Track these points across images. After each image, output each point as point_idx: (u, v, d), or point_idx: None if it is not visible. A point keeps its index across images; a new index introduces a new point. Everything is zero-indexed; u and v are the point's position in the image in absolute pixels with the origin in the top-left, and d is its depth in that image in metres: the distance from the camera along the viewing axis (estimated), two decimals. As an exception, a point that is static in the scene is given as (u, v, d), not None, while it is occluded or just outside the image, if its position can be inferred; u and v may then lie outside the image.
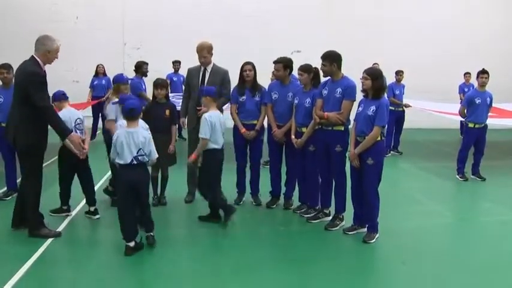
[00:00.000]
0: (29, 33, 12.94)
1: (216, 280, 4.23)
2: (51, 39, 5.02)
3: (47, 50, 4.95)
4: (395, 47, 13.58)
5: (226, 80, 6.22)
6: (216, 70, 6.20)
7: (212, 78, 6.15)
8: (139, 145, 4.61)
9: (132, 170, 4.62)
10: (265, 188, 6.35)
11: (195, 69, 6.30)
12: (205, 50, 6.09)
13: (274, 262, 4.60)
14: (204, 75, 6.17)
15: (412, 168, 9.01)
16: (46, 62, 5.02)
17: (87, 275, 4.24)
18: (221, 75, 6.19)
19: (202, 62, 6.15)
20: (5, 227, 5.29)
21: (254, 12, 13.49)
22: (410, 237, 5.30)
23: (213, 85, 6.10)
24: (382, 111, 4.93)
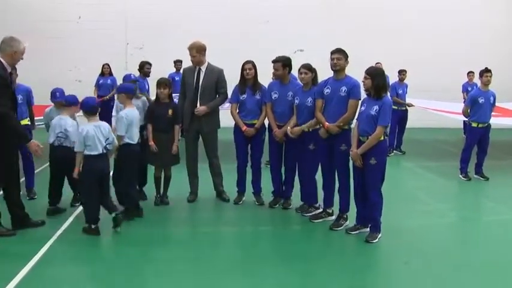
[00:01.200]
0: (32, 32, 13.09)
1: (217, 279, 4.23)
2: (18, 40, 5.02)
3: (14, 51, 4.95)
4: (398, 46, 13.54)
5: (221, 79, 6.23)
6: (210, 69, 6.20)
7: (207, 77, 6.16)
8: (106, 135, 5.10)
9: (101, 160, 5.06)
10: (268, 187, 6.33)
11: (190, 69, 6.31)
12: (194, 50, 6.09)
13: (276, 261, 4.60)
14: (199, 74, 6.17)
15: (415, 168, 8.99)
16: (11, 63, 5.02)
17: (89, 274, 4.27)
18: (216, 75, 6.19)
19: (192, 61, 6.17)
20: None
21: (256, 12, 13.48)
22: (413, 237, 5.29)
23: (209, 84, 6.13)
24: (385, 111, 4.91)
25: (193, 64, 6.20)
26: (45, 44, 12.97)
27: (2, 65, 4.88)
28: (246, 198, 6.39)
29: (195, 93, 6.16)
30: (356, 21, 13.60)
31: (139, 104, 6.17)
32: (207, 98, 6.18)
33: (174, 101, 6.32)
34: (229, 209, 6.20)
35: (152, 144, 5.96)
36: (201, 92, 6.15)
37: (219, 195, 6.49)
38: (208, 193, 6.51)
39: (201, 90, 6.15)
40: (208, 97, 6.19)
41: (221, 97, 6.27)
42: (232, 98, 6.22)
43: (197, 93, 6.15)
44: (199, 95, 6.15)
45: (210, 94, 6.20)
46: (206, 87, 6.16)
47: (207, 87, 6.16)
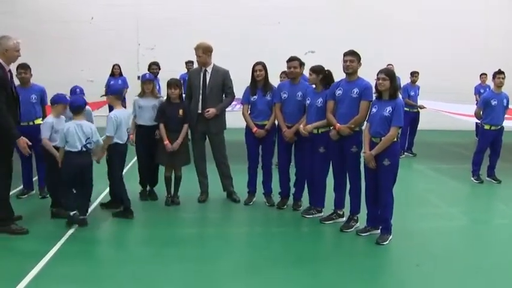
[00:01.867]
0: (45, 32, 13.25)
1: (227, 279, 4.24)
2: (7, 37, 5.00)
3: (4, 49, 4.96)
4: (409, 47, 13.50)
5: (228, 80, 6.25)
6: (216, 70, 6.22)
7: (213, 78, 6.18)
8: (88, 135, 5.32)
9: (80, 156, 5.31)
10: (277, 188, 6.34)
11: (195, 70, 6.34)
12: (200, 50, 6.11)
13: (286, 262, 4.59)
14: (205, 76, 6.19)
15: (426, 170, 8.94)
16: (7, 61, 5.04)
17: (99, 273, 4.29)
18: (222, 76, 6.21)
19: (198, 62, 6.19)
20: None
21: (267, 13, 13.49)
22: (424, 240, 5.26)
23: (215, 86, 6.15)
24: (399, 112, 4.90)
25: (199, 64, 6.21)
26: (58, 44, 13.13)
27: (0, 65, 4.93)
28: (256, 199, 6.39)
29: (202, 95, 6.17)
30: (367, 23, 13.57)
31: (155, 103, 6.22)
32: (214, 99, 6.19)
33: (184, 101, 6.35)
34: (239, 210, 6.21)
35: (167, 143, 5.99)
36: (208, 93, 6.17)
37: (229, 196, 6.50)
38: (218, 193, 6.53)
39: (208, 92, 6.17)
40: (215, 98, 6.20)
41: (228, 98, 6.29)
42: (244, 99, 6.23)
43: (204, 94, 6.16)
44: (207, 96, 6.16)
45: (216, 95, 6.22)
46: (213, 88, 6.18)
47: (214, 88, 6.18)
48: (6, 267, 4.32)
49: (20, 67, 6.16)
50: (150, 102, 6.21)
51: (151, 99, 6.24)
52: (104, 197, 6.40)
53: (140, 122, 6.26)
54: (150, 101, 6.22)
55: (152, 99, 6.25)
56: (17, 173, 6.45)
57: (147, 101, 6.23)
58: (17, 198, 6.33)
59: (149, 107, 6.20)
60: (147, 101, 6.23)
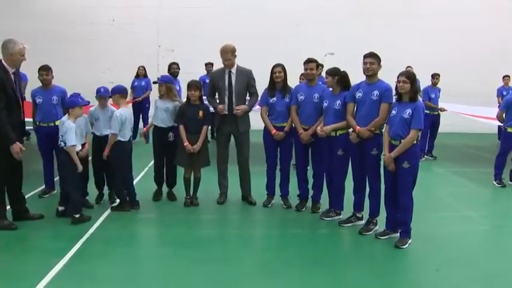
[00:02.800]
0: (67, 35, 13.43)
1: (245, 280, 4.25)
2: (13, 42, 5.10)
3: (10, 53, 5.07)
4: (429, 49, 13.35)
5: (252, 80, 6.28)
6: (240, 71, 6.24)
7: (238, 79, 6.20)
8: (61, 133, 5.49)
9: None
10: (295, 190, 6.33)
11: (219, 72, 6.36)
12: (229, 53, 6.14)
13: (303, 264, 4.58)
14: (230, 77, 6.21)
15: (446, 173, 8.83)
16: (12, 65, 5.14)
17: (119, 272, 4.33)
18: (247, 76, 6.24)
19: (226, 65, 6.19)
20: (43, 223, 5.49)
21: (287, 15, 13.49)
22: (444, 244, 5.19)
23: (241, 86, 6.18)
24: (419, 114, 4.86)
25: (227, 67, 6.22)
26: (80, 46, 13.32)
27: (3, 67, 5.05)
28: (274, 201, 6.39)
29: (229, 96, 6.19)
30: (386, 24, 13.47)
31: (169, 106, 6.29)
32: (241, 99, 6.24)
33: (204, 103, 6.38)
34: (257, 212, 6.21)
35: (187, 145, 6.03)
36: (235, 95, 6.19)
37: (245, 198, 6.51)
38: (237, 195, 6.55)
39: (236, 93, 6.19)
40: (242, 98, 6.25)
41: (254, 97, 6.33)
42: (262, 101, 6.24)
43: (231, 95, 6.18)
44: (234, 98, 6.18)
45: (243, 95, 6.27)
46: (239, 89, 6.20)
47: (240, 89, 6.21)
48: (29, 265, 4.41)
49: (42, 69, 6.26)
50: (165, 105, 6.29)
51: (167, 102, 6.32)
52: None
53: (155, 123, 6.39)
54: (165, 103, 6.31)
55: (168, 101, 6.32)
56: (39, 172, 6.58)
57: (162, 103, 6.33)
58: (39, 197, 6.46)
59: (162, 109, 6.29)
60: (162, 103, 6.33)
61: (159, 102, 6.37)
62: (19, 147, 5.08)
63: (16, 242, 4.96)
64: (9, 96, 5.07)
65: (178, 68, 10.19)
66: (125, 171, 6.03)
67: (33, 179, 6.74)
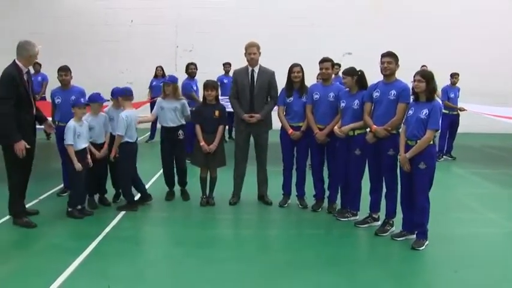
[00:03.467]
0: (86, 36, 13.61)
1: (261, 281, 4.24)
2: (32, 44, 5.25)
3: (29, 55, 5.22)
4: (449, 48, 13.18)
5: (273, 82, 6.25)
6: (263, 71, 6.23)
7: (260, 78, 6.19)
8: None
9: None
10: (311, 190, 6.31)
11: (242, 70, 6.34)
12: (255, 47, 6.15)
13: (319, 265, 4.56)
14: (253, 76, 6.20)
15: (465, 174, 8.70)
16: (27, 65, 5.31)
17: (134, 271, 4.37)
18: (268, 76, 6.22)
19: (251, 60, 6.16)
20: (60, 222, 5.57)
21: (303, 14, 13.46)
22: (463, 246, 5.12)
23: (262, 85, 6.16)
24: (435, 115, 4.81)
25: (252, 64, 6.20)
26: (99, 47, 13.48)
27: (17, 67, 5.17)
28: (290, 201, 6.38)
29: (251, 95, 6.19)
30: (404, 24, 13.36)
31: (177, 106, 6.32)
32: (261, 99, 6.23)
33: (220, 102, 6.40)
34: (273, 212, 6.20)
35: (204, 144, 6.05)
36: (256, 93, 6.19)
37: (261, 198, 6.50)
38: (252, 195, 6.54)
39: (256, 91, 6.19)
40: (262, 98, 6.23)
41: (272, 102, 6.28)
42: (279, 100, 6.23)
43: (252, 94, 6.18)
44: (255, 96, 6.19)
45: (263, 95, 6.24)
46: (260, 88, 6.20)
47: (261, 88, 6.20)
48: (47, 262, 4.48)
49: (61, 69, 6.35)
50: (172, 104, 6.30)
51: (173, 101, 6.33)
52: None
53: (162, 123, 6.38)
54: (172, 103, 6.32)
55: (174, 101, 6.34)
56: (58, 171, 6.67)
57: (168, 103, 6.33)
58: (57, 196, 6.55)
59: (170, 109, 6.30)
60: (168, 103, 6.33)
61: (164, 102, 6.36)
62: (23, 145, 5.16)
63: (35, 240, 5.03)
64: (21, 95, 5.18)
65: (196, 68, 10.22)
66: (132, 171, 6.09)
67: (53, 177, 6.86)
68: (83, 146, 5.70)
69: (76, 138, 5.64)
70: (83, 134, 5.69)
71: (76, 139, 5.64)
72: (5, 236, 5.15)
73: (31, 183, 5.61)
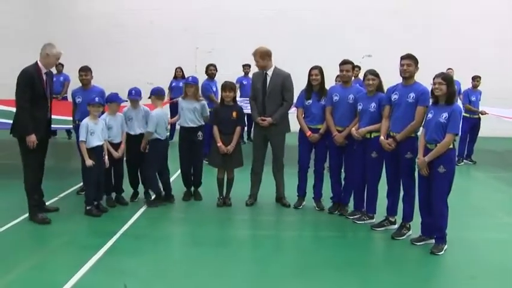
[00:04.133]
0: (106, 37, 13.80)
1: (275, 282, 4.24)
2: (52, 45, 5.44)
3: (46, 54, 5.38)
4: (470, 51, 12.99)
5: (287, 84, 6.22)
6: (276, 73, 6.23)
7: (273, 81, 6.19)
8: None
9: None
10: (328, 193, 6.29)
11: (258, 73, 6.36)
12: (257, 55, 6.17)
13: (335, 267, 4.54)
14: (265, 79, 6.22)
15: (486, 179, 8.57)
16: (47, 66, 5.46)
17: (150, 269, 4.41)
18: (282, 79, 6.20)
19: (257, 66, 6.25)
20: (79, 219, 5.67)
21: (325, 16, 13.42)
22: (482, 251, 5.04)
23: (275, 88, 6.16)
24: (455, 118, 4.75)
25: (259, 69, 6.27)
26: (119, 48, 13.64)
27: (37, 67, 5.37)
28: (305, 203, 6.37)
29: (263, 97, 6.22)
30: (425, 25, 13.21)
31: (196, 106, 6.36)
32: (274, 101, 6.21)
33: (238, 103, 6.41)
34: (289, 213, 6.19)
35: (221, 145, 6.08)
36: (267, 96, 6.20)
37: (279, 200, 6.50)
38: (268, 197, 6.55)
39: (268, 94, 6.20)
40: (275, 101, 6.21)
41: (285, 105, 6.25)
42: (298, 102, 6.23)
43: (264, 97, 6.21)
44: (266, 99, 6.20)
45: (276, 98, 6.22)
46: (272, 90, 6.19)
47: (273, 90, 6.19)
48: (65, 259, 4.57)
49: (81, 70, 6.48)
50: (192, 105, 6.35)
51: (193, 102, 6.37)
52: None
53: (182, 124, 6.44)
54: (191, 103, 6.36)
55: (193, 101, 6.38)
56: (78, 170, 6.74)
57: (188, 103, 6.37)
58: (77, 194, 6.65)
59: (190, 109, 6.34)
60: (188, 103, 6.37)
61: (184, 102, 6.41)
62: (34, 139, 5.30)
63: (54, 236, 5.13)
64: (37, 93, 5.36)
65: (216, 69, 10.28)
66: (160, 167, 6.25)
67: (73, 176, 6.97)
68: (96, 144, 5.77)
69: (89, 136, 5.74)
70: (96, 132, 5.78)
71: (89, 136, 5.74)
72: (25, 233, 5.26)
73: (52, 180, 5.73)
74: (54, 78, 11.17)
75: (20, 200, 5.65)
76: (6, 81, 12.50)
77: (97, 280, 4.13)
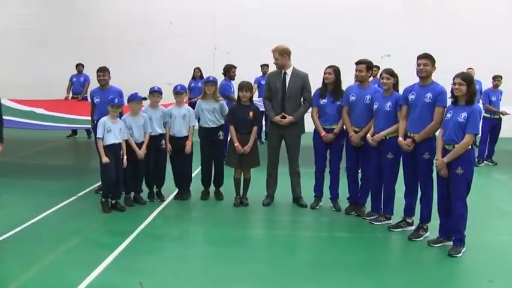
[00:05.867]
0: (126, 38, 13.92)
1: (291, 282, 4.23)
2: None
3: None
4: (490, 50, 12.75)
5: (306, 84, 6.22)
6: (296, 73, 6.21)
7: (293, 81, 6.18)
8: None
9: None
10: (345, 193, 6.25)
11: (275, 73, 6.35)
12: (276, 53, 6.14)
13: (350, 268, 4.52)
14: (285, 78, 6.20)
15: (507, 180, 8.41)
16: None
17: (165, 268, 4.45)
18: (301, 79, 6.19)
19: (276, 64, 6.22)
20: (97, 218, 5.75)
21: (343, 15, 13.33)
22: (500, 254, 4.95)
23: (294, 89, 6.15)
24: (474, 118, 4.67)
25: (277, 67, 6.24)
26: (138, 49, 13.77)
27: None
28: (322, 204, 6.34)
29: (282, 97, 6.20)
30: (445, 25, 13.01)
31: (215, 107, 6.38)
32: (293, 101, 6.21)
33: (254, 103, 6.42)
34: (306, 214, 6.17)
35: (238, 145, 6.10)
36: (287, 96, 6.19)
37: (295, 201, 6.48)
38: (285, 197, 6.52)
39: (288, 94, 6.19)
40: (294, 101, 6.21)
41: (306, 105, 6.24)
42: (313, 102, 6.21)
43: (284, 97, 6.19)
44: (286, 99, 6.19)
45: (296, 98, 6.22)
46: (292, 91, 6.18)
47: (293, 91, 6.19)
48: (83, 257, 4.64)
49: (99, 70, 6.55)
50: (211, 105, 6.37)
51: (212, 102, 6.39)
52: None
53: (202, 125, 6.45)
54: (211, 104, 6.38)
55: (213, 102, 6.40)
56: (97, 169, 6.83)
57: (207, 104, 6.39)
58: (95, 193, 6.72)
59: (209, 110, 6.36)
60: (207, 104, 6.39)
61: (204, 104, 6.41)
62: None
63: (72, 234, 5.18)
64: None
65: (236, 70, 10.34)
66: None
67: (92, 175, 7.05)
68: (112, 142, 5.88)
69: (106, 133, 5.84)
70: (113, 130, 5.88)
71: (106, 134, 5.84)
72: (42, 231, 5.34)
73: (71, 179, 5.80)
74: (75, 79, 11.51)
75: (38, 198, 5.74)
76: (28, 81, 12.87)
77: (113, 279, 4.18)
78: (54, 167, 8.71)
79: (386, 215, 5.74)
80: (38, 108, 8.94)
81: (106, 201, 5.94)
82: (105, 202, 5.94)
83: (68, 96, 11.33)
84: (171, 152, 6.42)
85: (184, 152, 6.39)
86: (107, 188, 5.98)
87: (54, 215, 5.82)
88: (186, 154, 6.41)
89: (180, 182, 6.62)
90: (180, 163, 6.51)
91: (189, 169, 6.58)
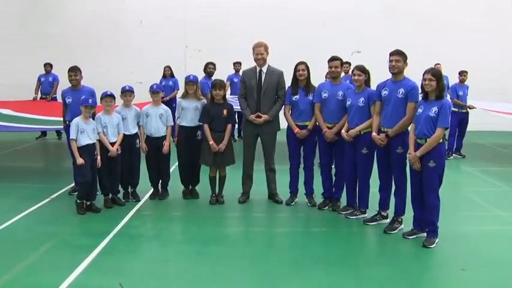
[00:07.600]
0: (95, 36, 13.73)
1: (271, 278, 4.27)
2: None
3: None
4: (457, 46, 13.11)
5: (281, 82, 6.25)
6: (271, 71, 6.25)
7: (268, 78, 6.21)
8: None
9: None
10: (319, 188, 6.32)
11: (250, 70, 6.37)
12: (263, 47, 6.17)
13: (328, 262, 4.58)
14: (260, 76, 6.23)
15: (475, 172, 8.66)
16: None
17: (145, 268, 4.43)
18: (277, 76, 6.23)
19: (258, 59, 6.20)
20: (72, 220, 5.67)
21: (313, 14, 13.46)
22: (472, 244, 5.11)
23: (270, 86, 6.18)
24: (445, 113, 4.80)
25: (259, 63, 6.23)
26: (108, 47, 13.59)
27: None
28: (298, 200, 6.40)
29: (258, 95, 6.22)
30: (414, 21, 13.31)
31: (197, 105, 6.36)
32: (269, 99, 6.23)
33: (228, 101, 6.43)
34: (282, 210, 6.23)
35: (213, 143, 6.10)
36: (263, 93, 6.21)
37: (271, 197, 6.53)
38: (261, 194, 6.58)
39: (263, 91, 6.21)
40: (270, 98, 6.24)
41: (280, 102, 6.27)
42: (285, 99, 6.25)
43: (260, 94, 6.21)
44: (262, 96, 6.21)
45: (271, 95, 6.24)
46: (268, 88, 6.21)
47: (269, 88, 6.21)
48: (60, 259, 4.56)
49: (70, 70, 6.43)
50: (192, 104, 6.35)
51: (194, 101, 6.37)
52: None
53: (182, 123, 6.41)
54: (192, 103, 6.36)
55: (194, 100, 6.38)
56: (70, 170, 6.76)
57: (189, 103, 6.37)
58: (69, 194, 6.62)
59: (191, 109, 6.34)
60: (189, 103, 6.37)
61: (185, 102, 6.38)
62: None
63: (48, 238, 5.08)
64: None
65: (215, 68, 10.31)
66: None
67: (65, 176, 6.94)
68: (86, 143, 5.80)
69: (79, 134, 5.76)
70: (86, 131, 5.80)
71: (79, 135, 5.76)
72: (19, 235, 5.24)
73: (43, 181, 5.69)
74: (43, 79, 11.26)
75: (10, 202, 5.61)
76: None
77: (92, 280, 4.13)
78: (25, 169, 8.53)
79: (361, 209, 5.84)
80: (4, 109, 8.71)
81: (81, 203, 5.86)
82: (80, 204, 5.86)
83: (36, 96, 11.07)
84: (146, 151, 6.38)
85: (161, 152, 6.36)
86: (82, 189, 5.89)
87: (28, 219, 5.71)
88: (164, 154, 6.37)
89: (158, 182, 6.58)
90: (156, 163, 6.47)
91: (167, 169, 6.55)
